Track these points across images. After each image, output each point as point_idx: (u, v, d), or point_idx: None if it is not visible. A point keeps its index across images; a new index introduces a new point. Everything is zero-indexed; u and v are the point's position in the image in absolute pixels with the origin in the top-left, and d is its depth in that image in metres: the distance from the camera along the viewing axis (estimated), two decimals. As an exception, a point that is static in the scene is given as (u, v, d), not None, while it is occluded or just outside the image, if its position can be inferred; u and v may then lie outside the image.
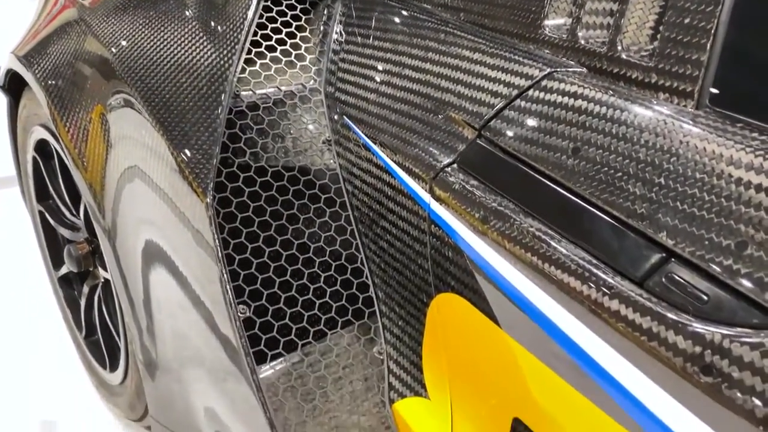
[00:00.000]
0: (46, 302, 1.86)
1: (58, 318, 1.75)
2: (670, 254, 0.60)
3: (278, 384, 0.93)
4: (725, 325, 0.55)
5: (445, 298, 0.83)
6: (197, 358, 1.03)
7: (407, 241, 0.87)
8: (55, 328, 1.79)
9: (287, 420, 0.90)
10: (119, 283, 1.17)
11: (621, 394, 0.61)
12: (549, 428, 0.71)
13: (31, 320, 1.85)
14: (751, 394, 0.52)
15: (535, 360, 0.70)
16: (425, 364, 0.89)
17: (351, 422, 0.93)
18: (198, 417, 1.08)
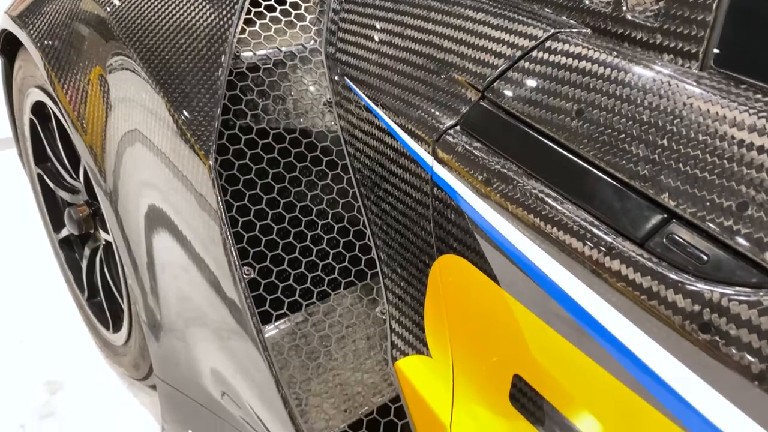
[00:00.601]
0: (47, 264, 1.88)
1: (60, 280, 1.77)
2: (671, 215, 0.61)
3: (283, 343, 0.95)
4: (724, 284, 0.56)
5: (447, 259, 0.84)
6: (202, 319, 1.04)
7: (409, 204, 0.88)
8: (57, 291, 1.81)
9: (292, 378, 0.92)
10: (122, 245, 1.18)
11: (620, 351, 0.63)
12: (549, 385, 0.73)
13: (32, 283, 1.87)
14: (747, 350, 0.54)
15: (536, 318, 0.71)
16: (427, 323, 0.91)
17: (354, 380, 0.95)
18: (204, 376, 1.10)
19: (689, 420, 0.59)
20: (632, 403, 0.63)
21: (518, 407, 0.77)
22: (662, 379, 0.60)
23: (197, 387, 1.14)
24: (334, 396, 0.93)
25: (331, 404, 0.92)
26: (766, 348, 0.53)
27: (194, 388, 1.16)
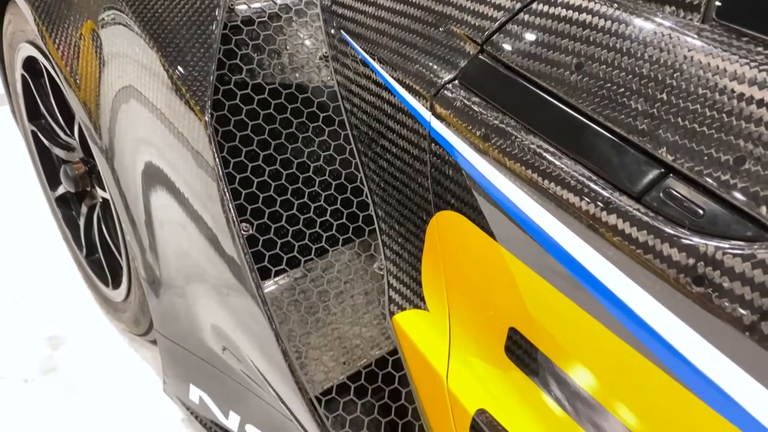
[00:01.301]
0: (47, 221, 1.88)
1: (59, 236, 1.77)
2: (668, 170, 0.61)
3: (282, 298, 0.96)
4: (719, 238, 0.57)
5: (445, 215, 0.84)
6: (201, 275, 1.05)
7: (407, 160, 0.88)
8: (57, 247, 1.82)
9: (292, 331, 0.94)
10: (119, 202, 1.18)
11: (615, 305, 0.64)
12: (544, 337, 0.74)
13: (32, 239, 1.87)
14: (739, 303, 0.55)
15: (532, 273, 0.72)
16: (424, 278, 0.92)
17: (353, 333, 0.97)
18: (204, 331, 1.12)
19: (682, 371, 0.60)
20: (626, 356, 0.64)
21: (513, 359, 0.79)
22: (656, 331, 0.61)
23: (198, 342, 1.16)
24: (333, 349, 0.95)
25: (330, 357, 0.94)
26: (758, 300, 0.54)
27: (195, 343, 1.17)
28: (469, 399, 0.84)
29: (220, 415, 1.27)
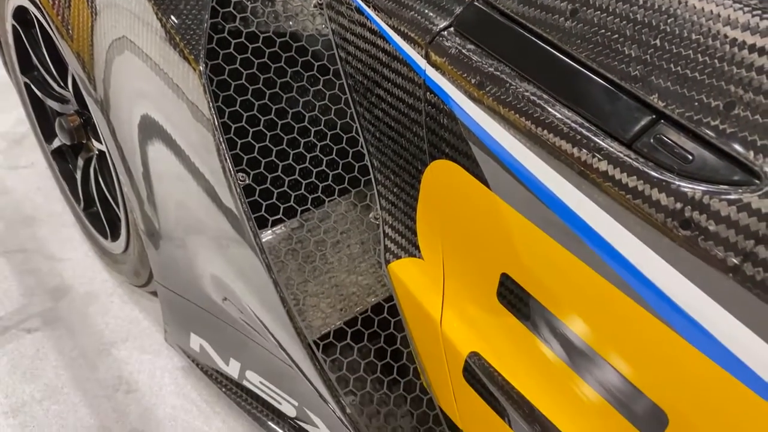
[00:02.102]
0: (42, 174, 1.88)
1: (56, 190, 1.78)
2: (659, 116, 0.61)
3: (280, 247, 0.97)
4: (707, 182, 0.58)
5: (440, 164, 0.85)
6: (200, 227, 1.06)
7: (402, 109, 0.88)
8: (54, 198, 1.83)
9: (290, 279, 0.96)
10: (116, 155, 1.18)
11: (605, 250, 0.65)
12: (535, 282, 0.76)
13: (28, 193, 1.87)
14: (724, 245, 0.56)
15: (524, 220, 0.74)
16: (419, 227, 0.94)
17: (350, 281, 0.99)
18: (204, 281, 1.14)
19: (668, 313, 0.62)
20: (615, 299, 0.66)
21: (505, 304, 0.81)
22: (644, 275, 0.63)
23: (197, 291, 1.18)
24: (330, 296, 0.97)
25: (328, 304, 0.96)
26: (742, 243, 0.55)
27: (194, 293, 1.20)
28: (462, 342, 0.86)
29: (220, 362, 1.31)
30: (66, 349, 1.50)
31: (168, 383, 1.46)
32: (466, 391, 0.88)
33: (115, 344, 1.52)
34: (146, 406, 1.41)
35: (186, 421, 1.39)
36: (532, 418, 0.79)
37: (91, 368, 1.47)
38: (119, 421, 1.38)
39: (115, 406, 1.41)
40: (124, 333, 1.55)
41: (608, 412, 0.71)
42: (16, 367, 1.46)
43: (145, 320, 1.58)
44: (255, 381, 1.25)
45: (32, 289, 1.63)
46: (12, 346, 1.50)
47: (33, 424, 1.36)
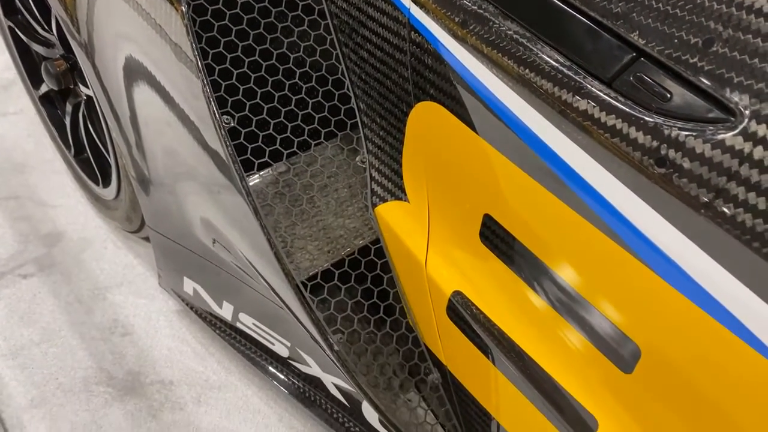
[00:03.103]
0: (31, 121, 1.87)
1: (45, 137, 1.77)
2: (639, 53, 0.61)
3: (267, 191, 0.98)
4: (684, 120, 0.58)
5: (425, 106, 0.85)
6: (188, 172, 1.06)
7: (387, 49, 0.87)
8: (44, 148, 1.82)
9: (277, 223, 0.97)
10: (103, 99, 1.18)
11: (583, 188, 0.66)
12: (516, 222, 0.77)
13: (17, 140, 1.86)
14: (697, 182, 0.57)
15: (506, 161, 0.74)
16: (405, 170, 0.94)
17: (337, 224, 1.00)
18: (194, 226, 1.15)
19: (643, 251, 0.64)
20: (593, 237, 0.67)
21: (487, 244, 0.83)
22: (621, 213, 0.64)
23: (189, 236, 1.19)
24: (317, 239, 0.98)
25: (315, 246, 0.98)
26: (715, 179, 0.56)
27: (186, 238, 1.21)
28: (445, 282, 0.88)
29: (214, 305, 1.33)
30: (62, 294, 1.53)
31: (163, 326, 1.49)
32: (449, 329, 0.90)
33: (110, 289, 1.55)
34: (142, 348, 1.45)
35: (181, 362, 1.43)
36: (512, 353, 0.81)
37: (87, 312, 1.50)
38: (116, 363, 1.42)
39: (112, 348, 1.44)
40: (119, 278, 1.57)
41: (584, 346, 0.74)
42: (14, 312, 1.48)
43: (139, 265, 1.60)
44: (248, 323, 1.28)
45: (26, 236, 1.64)
46: (8, 291, 1.52)
47: (32, 365, 1.40)
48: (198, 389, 1.39)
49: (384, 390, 0.98)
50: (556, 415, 0.78)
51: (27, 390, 1.36)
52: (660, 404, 0.69)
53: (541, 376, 0.79)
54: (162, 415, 1.34)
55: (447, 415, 0.98)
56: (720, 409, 0.64)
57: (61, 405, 1.34)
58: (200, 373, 1.41)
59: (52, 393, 1.36)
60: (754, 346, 0.57)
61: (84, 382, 1.38)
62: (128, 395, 1.37)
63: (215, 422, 1.34)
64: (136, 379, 1.39)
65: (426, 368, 0.98)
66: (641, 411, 0.71)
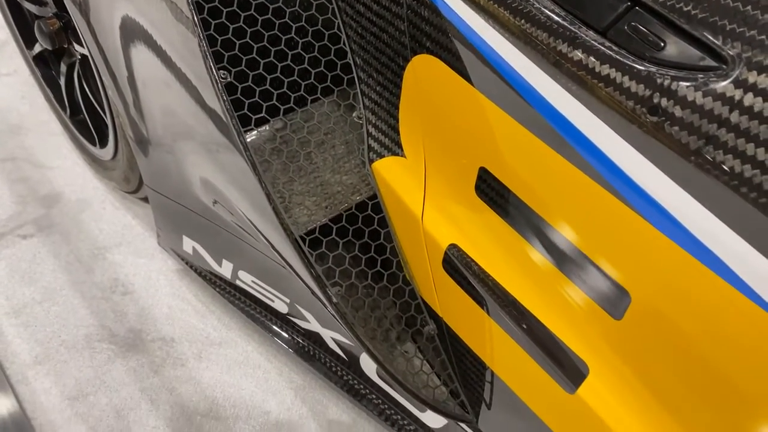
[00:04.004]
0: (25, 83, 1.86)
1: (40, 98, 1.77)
2: (634, 2, 0.62)
3: (264, 147, 0.99)
4: (676, 69, 0.59)
5: (421, 59, 0.85)
6: (187, 131, 1.07)
7: (383, 2, 0.87)
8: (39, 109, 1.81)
9: (275, 179, 0.98)
10: (98, 58, 1.17)
11: (577, 139, 0.67)
12: (511, 173, 0.78)
13: (11, 103, 1.86)
14: (688, 130, 0.58)
15: (502, 113, 0.75)
16: (401, 125, 0.95)
17: (334, 180, 1.01)
18: (193, 184, 1.15)
19: (635, 199, 0.65)
20: (587, 187, 0.69)
21: (483, 197, 0.84)
22: (613, 162, 0.65)
23: (188, 195, 1.20)
24: (315, 195, 0.99)
25: (313, 202, 0.99)
26: (705, 126, 0.57)
27: (185, 197, 1.22)
28: (441, 236, 0.90)
29: (213, 263, 1.35)
30: (62, 254, 1.54)
31: (163, 285, 1.51)
32: (445, 281, 0.92)
33: (109, 249, 1.56)
34: (143, 307, 1.47)
35: (182, 319, 1.45)
36: (506, 303, 0.83)
37: (88, 271, 1.52)
38: (118, 321, 1.44)
39: (113, 306, 1.46)
40: (118, 238, 1.58)
41: (576, 294, 0.76)
42: (15, 271, 1.50)
43: (138, 226, 1.61)
44: (247, 280, 1.30)
45: (24, 197, 1.64)
46: (9, 251, 1.54)
47: (35, 324, 1.42)
48: (199, 345, 1.41)
49: (381, 341, 1.01)
50: (549, 362, 0.80)
51: (31, 347, 1.38)
52: (649, 349, 0.71)
53: (534, 325, 0.81)
54: (164, 370, 1.37)
55: (442, 364, 1.01)
56: (708, 352, 0.66)
57: (65, 361, 1.37)
58: (201, 330, 1.44)
59: (55, 350, 1.39)
60: (741, 290, 0.59)
61: (86, 339, 1.41)
62: (130, 352, 1.40)
63: (216, 377, 1.37)
64: (137, 336, 1.42)
65: (422, 320, 1.01)
66: (631, 356, 0.74)
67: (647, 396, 0.73)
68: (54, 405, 1.31)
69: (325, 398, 1.36)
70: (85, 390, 1.33)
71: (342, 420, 1.33)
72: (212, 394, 1.34)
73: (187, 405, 1.32)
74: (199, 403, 1.33)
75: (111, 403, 1.32)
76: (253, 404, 1.34)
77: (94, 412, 1.30)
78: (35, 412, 1.29)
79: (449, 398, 1.01)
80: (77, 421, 1.29)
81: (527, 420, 0.89)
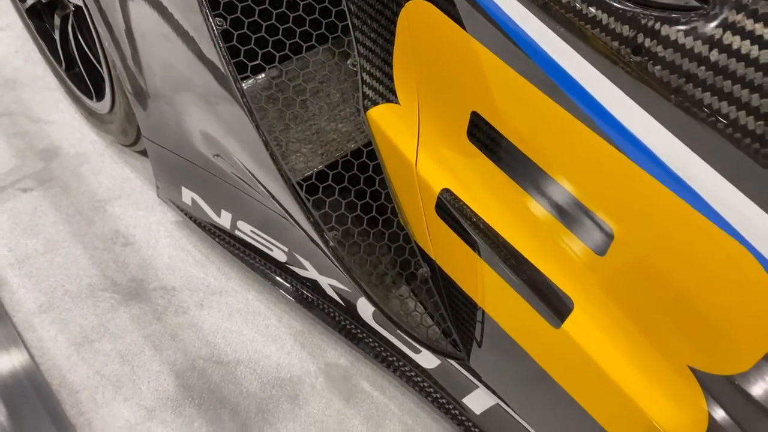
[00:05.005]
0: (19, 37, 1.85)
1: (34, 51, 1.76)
2: (620, -56, 0.63)
3: (261, 95, 1.00)
4: (659, 9, 0.61)
5: (415, 5, 0.87)
6: (185, 82, 1.07)
7: (377, -51, 0.88)
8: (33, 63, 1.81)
9: (272, 126, 1.00)
10: (94, 10, 1.17)
11: (565, 81, 0.69)
12: (501, 117, 0.81)
13: (5, 57, 1.85)
14: (669, 68, 0.60)
15: (495, 58, 0.77)
16: (396, 72, 0.97)
17: (330, 128, 1.03)
18: (191, 135, 1.17)
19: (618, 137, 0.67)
20: (573, 128, 0.71)
21: (474, 142, 0.86)
22: (599, 102, 0.67)
23: (187, 146, 1.22)
24: (311, 142, 1.02)
25: (309, 149, 1.01)
26: (686, 65, 0.60)
27: (184, 148, 1.24)
28: (434, 181, 0.93)
29: (212, 214, 1.38)
30: (62, 207, 1.57)
31: (163, 236, 1.54)
32: (438, 225, 0.95)
33: (109, 201, 1.59)
34: (144, 257, 1.50)
35: (183, 269, 1.49)
36: (496, 243, 0.87)
37: (88, 223, 1.54)
38: (119, 271, 1.48)
39: (115, 257, 1.50)
40: (117, 191, 1.61)
41: (562, 233, 0.79)
42: (17, 224, 1.53)
43: (136, 179, 1.63)
44: (246, 230, 1.33)
45: (23, 151, 1.66)
46: (10, 204, 1.56)
47: (38, 274, 1.45)
48: (200, 294, 1.45)
49: (376, 285, 1.04)
50: (536, 299, 0.84)
51: (35, 297, 1.42)
52: (630, 283, 0.75)
53: (522, 264, 0.85)
54: (166, 318, 1.41)
55: (435, 305, 1.05)
56: (685, 284, 0.69)
57: (69, 310, 1.41)
58: (201, 279, 1.48)
59: (59, 299, 1.42)
60: (717, 223, 0.62)
61: (90, 288, 1.44)
62: (133, 300, 1.43)
63: (218, 324, 1.41)
64: (139, 285, 1.46)
65: (416, 263, 1.04)
66: (613, 291, 0.78)
67: (629, 327, 0.77)
68: (60, 351, 1.35)
69: (324, 342, 1.40)
70: (90, 337, 1.38)
71: (340, 363, 1.38)
72: (214, 340, 1.39)
73: (189, 350, 1.37)
74: (202, 349, 1.37)
75: (115, 349, 1.36)
76: (254, 349, 1.38)
77: (99, 358, 1.35)
78: (42, 358, 1.34)
79: (442, 337, 1.05)
80: (84, 366, 1.33)
81: (516, 355, 0.93)
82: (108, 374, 1.33)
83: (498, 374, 1.03)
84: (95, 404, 1.28)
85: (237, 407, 1.30)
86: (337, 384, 1.35)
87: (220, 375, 1.34)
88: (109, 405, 1.29)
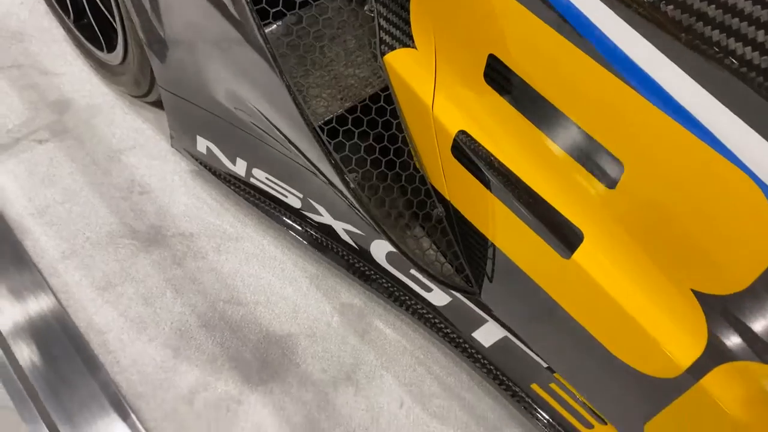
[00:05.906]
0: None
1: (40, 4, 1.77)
2: None
3: (281, 41, 1.04)
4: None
5: (432, -49, 0.90)
6: (206, 30, 1.09)
7: None
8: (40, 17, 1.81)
9: (292, 71, 1.04)
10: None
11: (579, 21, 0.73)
12: (517, 58, 0.85)
13: (9, 9, 1.85)
14: (681, 7, 0.65)
15: (513, 1, 0.80)
16: (413, 16, 1.00)
17: (348, 73, 1.07)
18: (209, 82, 1.19)
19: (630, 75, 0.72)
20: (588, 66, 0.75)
21: (491, 83, 0.91)
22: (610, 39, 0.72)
23: (203, 94, 1.24)
24: (330, 87, 1.05)
25: (329, 94, 1.05)
26: (697, 4, 0.64)
27: (200, 96, 1.26)
28: (451, 123, 0.97)
29: (227, 162, 1.42)
30: (78, 157, 1.60)
31: (179, 185, 1.58)
32: (453, 166, 1.00)
33: (123, 152, 1.62)
34: (160, 205, 1.55)
35: (199, 217, 1.54)
36: (509, 181, 0.92)
37: (105, 173, 1.58)
38: (138, 218, 1.53)
39: (132, 206, 1.54)
40: (131, 141, 1.64)
41: (573, 167, 0.84)
42: (34, 175, 1.57)
43: (149, 129, 1.67)
44: (261, 177, 1.38)
45: (35, 103, 1.68)
46: (26, 155, 1.59)
47: (59, 222, 1.50)
48: (217, 240, 1.51)
49: (393, 225, 1.10)
50: (547, 232, 0.90)
51: (57, 244, 1.47)
52: (640, 215, 0.81)
53: (535, 199, 0.90)
54: (186, 262, 1.47)
55: (449, 244, 1.11)
56: (691, 215, 0.75)
57: (91, 256, 1.46)
58: (217, 226, 1.53)
59: (81, 246, 1.47)
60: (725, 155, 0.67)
61: (109, 236, 1.49)
62: (152, 246, 1.49)
63: (235, 268, 1.47)
64: (158, 232, 1.51)
65: (431, 204, 1.09)
66: (623, 222, 0.83)
67: (637, 255, 0.83)
68: (85, 295, 1.41)
69: (338, 284, 1.47)
70: (113, 281, 1.43)
71: (354, 303, 1.45)
72: (233, 283, 1.45)
73: (209, 293, 1.43)
74: (221, 291, 1.44)
75: (138, 292, 1.42)
76: (271, 291, 1.45)
77: (123, 300, 1.41)
78: (69, 301, 1.40)
79: (455, 274, 1.12)
80: (108, 309, 1.39)
81: (526, 287, 1.00)
82: (132, 316, 1.39)
83: (508, 307, 1.10)
84: (122, 344, 1.35)
85: (258, 344, 1.37)
86: (352, 322, 1.42)
87: (240, 315, 1.41)
88: (135, 344, 1.35)
